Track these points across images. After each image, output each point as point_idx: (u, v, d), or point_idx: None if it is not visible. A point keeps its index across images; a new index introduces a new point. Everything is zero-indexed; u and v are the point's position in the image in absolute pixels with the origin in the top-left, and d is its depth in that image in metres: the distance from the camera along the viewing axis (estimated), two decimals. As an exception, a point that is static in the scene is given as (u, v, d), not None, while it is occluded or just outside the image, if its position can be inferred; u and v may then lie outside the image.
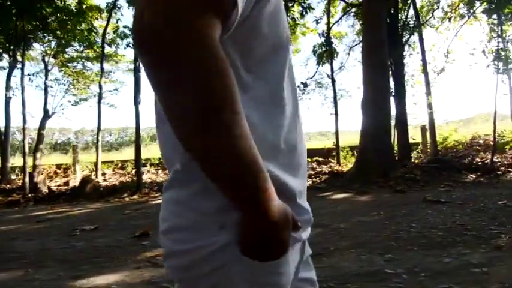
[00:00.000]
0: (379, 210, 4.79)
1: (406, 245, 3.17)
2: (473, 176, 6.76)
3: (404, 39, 9.78)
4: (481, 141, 10.14)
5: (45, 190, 8.55)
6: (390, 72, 8.77)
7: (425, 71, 9.70)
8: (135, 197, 7.69)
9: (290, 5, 8.67)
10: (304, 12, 8.86)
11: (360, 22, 9.89)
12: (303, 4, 8.78)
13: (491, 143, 9.27)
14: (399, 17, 9.52)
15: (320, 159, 10.60)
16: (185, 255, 0.55)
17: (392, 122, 9.13)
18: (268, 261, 0.53)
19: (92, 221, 5.36)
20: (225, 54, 0.47)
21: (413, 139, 10.04)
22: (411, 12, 10.13)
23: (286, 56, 0.61)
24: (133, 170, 9.67)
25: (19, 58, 9.71)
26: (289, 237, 0.54)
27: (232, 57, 0.53)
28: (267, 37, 0.56)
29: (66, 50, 12.41)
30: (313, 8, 8.85)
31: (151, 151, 17.45)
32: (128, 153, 16.42)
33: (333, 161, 10.38)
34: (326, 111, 12.62)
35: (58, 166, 11.64)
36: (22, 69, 8.94)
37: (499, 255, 2.76)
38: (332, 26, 10.58)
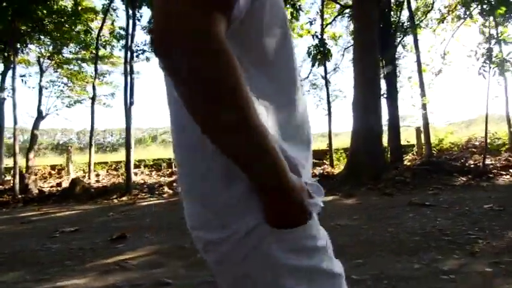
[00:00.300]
0: (362, 213, 4.71)
1: (379, 250, 3.10)
2: (464, 179, 6.66)
3: (397, 41, 9.69)
4: (476, 143, 10.01)
5: (35, 191, 8.55)
6: (382, 74, 8.68)
7: (419, 72, 9.61)
8: (123, 198, 7.66)
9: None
10: (295, 13, 8.78)
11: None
12: (293, 5, 8.70)
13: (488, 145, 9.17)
14: (393, 18, 9.43)
15: (314, 161, 10.51)
16: (219, 244, 0.57)
17: (387, 124, 9.04)
18: (298, 227, 0.57)
19: (75, 222, 5.33)
20: (232, 49, 0.51)
21: (408, 142, 9.93)
22: (406, 13, 10.05)
23: (289, 41, 0.63)
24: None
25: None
26: (308, 203, 0.59)
27: (237, 51, 0.54)
28: (270, 27, 0.59)
29: (62, 51, 12.45)
30: (302, 10, 8.76)
31: (150, 151, 17.45)
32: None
33: (327, 163, 10.30)
34: (323, 112, 12.43)
35: (53, 167, 11.65)
36: (13, 70, 8.96)
37: (471, 262, 2.68)
38: (325, 27, 10.52)
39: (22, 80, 9.79)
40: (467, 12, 10.29)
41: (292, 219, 0.57)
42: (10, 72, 10.02)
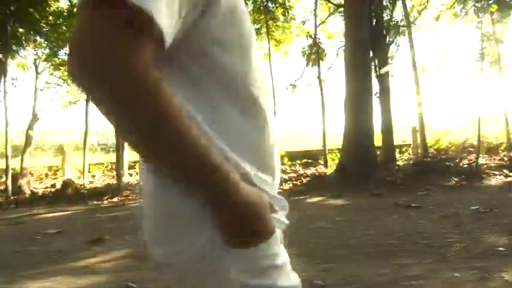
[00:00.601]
0: (345, 215, 4.65)
1: (352, 253, 3.04)
2: (456, 179, 6.55)
3: (391, 39, 9.58)
4: (474, 143, 9.85)
5: (28, 193, 8.59)
6: (375, 73, 8.58)
7: (415, 71, 9.51)
8: (114, 200, 7.67)
9: (271, 5, 8.54)
10: (286, 14, 8.71)
11: (350, 22, 9.67)
12: (284, 4, 8.62)
13: (484, 145, 9.02)
14: (386, 17, 9.32)
15: (309, 161, 10.45)
16: (174, 265, 0.55)
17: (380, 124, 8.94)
18: (259, 245, 0.54)
19: (60, 224, 5.33)
20: (180, 62, 0.53)
21: (403, 141, 9.81)
22: (401, 12, 9.94)
23: (251, 56, 0.60)
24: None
25: (9, 62, 9.77)
26: (271, 217, 0.55)
27: (185, 62, 0.54)
28: (223, 40, 0.56)
29: (58, 53, 12.48)
30: (292, 7, 8.67)
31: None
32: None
33: (321, 163, 10.21)
34: (317, 112, 12.31)
35: (50, 168, 11.71)
36: (5, 73, 9.00)
37: (441, 267, 2.61)
38: (318, 26, 10.44)
39: (12, 83, 9.82)
40: (464, 11, 10.16)
41: (251, 236, 0.53)
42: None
